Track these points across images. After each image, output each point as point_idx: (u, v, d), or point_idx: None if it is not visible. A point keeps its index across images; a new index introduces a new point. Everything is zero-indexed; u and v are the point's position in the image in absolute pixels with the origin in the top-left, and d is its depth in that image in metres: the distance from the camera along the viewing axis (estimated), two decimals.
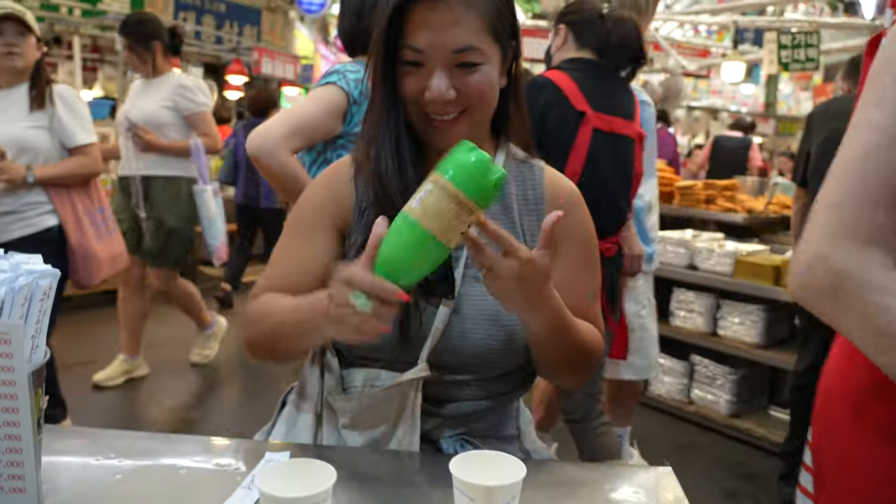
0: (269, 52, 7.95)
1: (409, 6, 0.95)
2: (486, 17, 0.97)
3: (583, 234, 1.12)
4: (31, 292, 0.74)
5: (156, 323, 4.92)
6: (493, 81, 1.00)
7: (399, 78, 0.99)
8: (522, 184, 1.11)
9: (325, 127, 1.72)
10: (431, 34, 0.94)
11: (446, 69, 0.96)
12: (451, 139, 1.00)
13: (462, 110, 0.99)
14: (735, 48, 4.94)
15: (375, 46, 0.99)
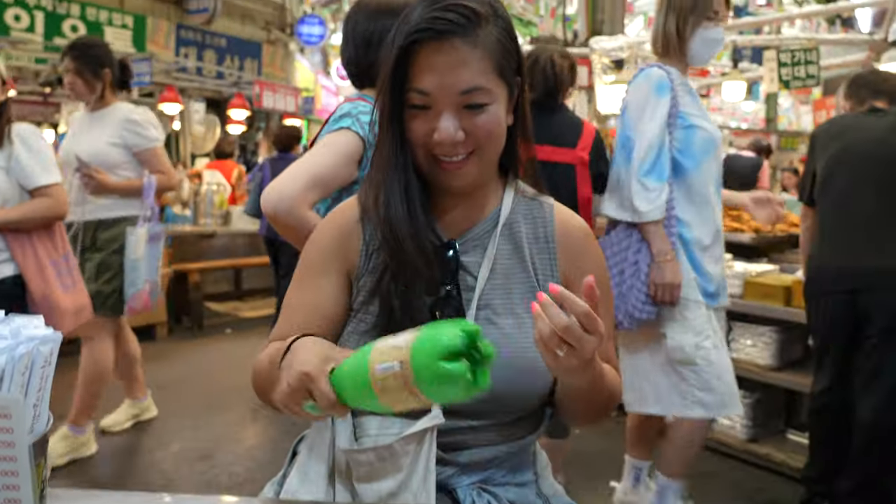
0: (270, 86, 8.03)
1: (413, 49, 0.94)
2: (492, 56, 0.96)
3: (594, 271, 1.10)
4: (31, 360, 0.72)
5: (164, 363, 4.90)
6: (500, 120, 0.99)
7: (406, 121, 0.98)
8: (532, 222, 1.10)
9: (342, 176, 1.63)
10: (438, 76, 0.94)
11: (454, 110, 0.95)
12: (460, 180, 1.00)
13: (471, 151, 0.98)
14: (735, 67, 4.96)
15: (381, 90, 0.98)
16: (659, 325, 2.31)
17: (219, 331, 5.95)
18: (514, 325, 1.02)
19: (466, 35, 0.94)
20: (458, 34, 0.94)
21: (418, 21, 0.93)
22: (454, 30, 0.93)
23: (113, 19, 10.05)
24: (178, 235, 5.98)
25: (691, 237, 2.28)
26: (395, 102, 0.97)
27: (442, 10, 0.94)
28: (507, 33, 0.99)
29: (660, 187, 2.22)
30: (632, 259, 2.30)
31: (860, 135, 2.52)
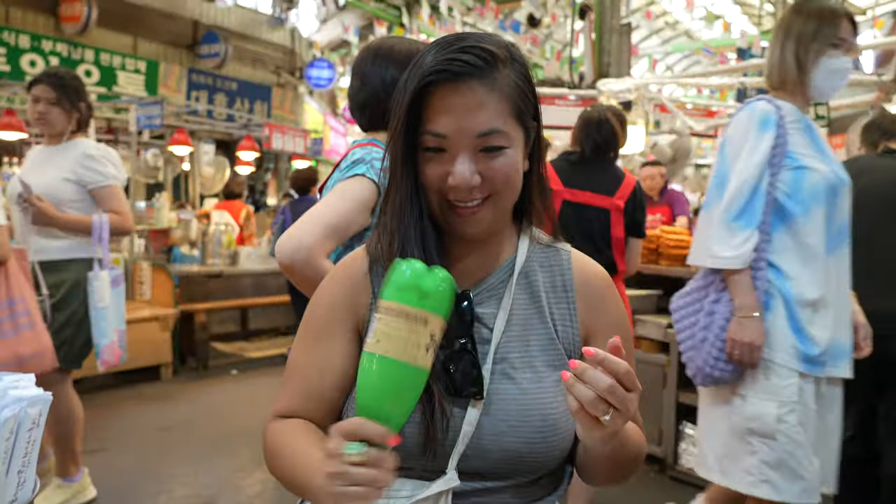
0: (279, 128, 8.10)
1: (428, 91, 0.91)
2: (509, 98, 0.93)
3: (616, 322, 1.06)
4: (18, 423, 0.67)
5: (168, 405, 4.83)
6: (518, 165, 0.95)
7: (420, 164, 0.94)
8: (549, 270, 1.05)
9: (357, 223, 1.59)
10: (454, 119, 0.90)
11: (470, 154, 0.91)
12: (474, 226, 0.95)
13: (486, 196, 0.94)
14: None
15: (394, 133, 0.94)
16: (738, 385, 2.04)
17: (224, 371, 5.88)
18: (532, 379, 0.97)
19: (484, 77, 0.91)
20: (475, 76, 0.90)
21: (433, 63, 0.90)
22: (471, 71, 0.90)
23: (126, 64, 10.24)
24: (185, 275, 5.95)
25: (793, 292, 1.99)
26: (409, 146, 0.93)
27: (458, 51, 0.90)
28: (524, 77, 0.96)
29: (747, 233, 1.96)
30: (708, 308, 2.07)
31: (877, 176, 2.48)
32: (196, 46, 11.44)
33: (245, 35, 12.19)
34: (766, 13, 16.36)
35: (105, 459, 3.74)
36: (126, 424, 4.40)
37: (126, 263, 5.97)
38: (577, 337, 1.02)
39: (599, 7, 6.85)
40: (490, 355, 0.97)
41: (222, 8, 11.67)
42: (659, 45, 18.51)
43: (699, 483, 3.42)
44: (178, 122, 8.18)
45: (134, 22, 10.51)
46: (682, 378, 3.51)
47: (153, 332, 5.39)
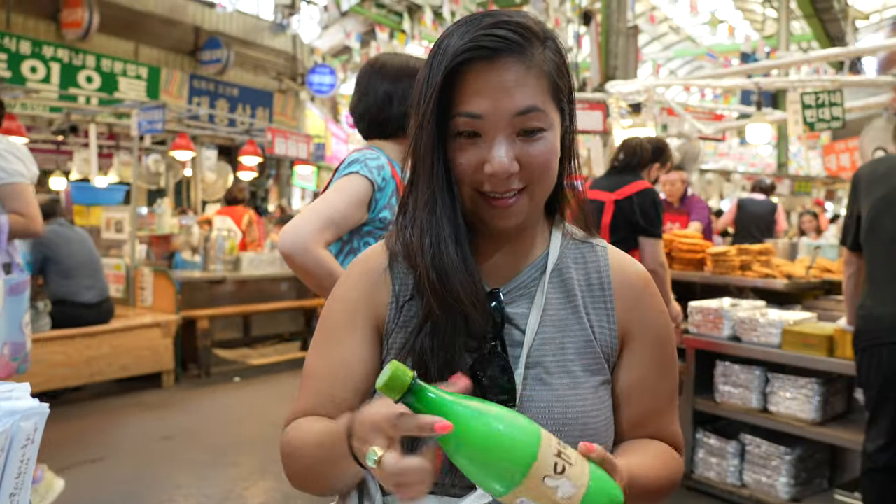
0: (281, 133, 8.01)
1: (460, 71, 0.82)
2: (548, 76, 0.85)
3: (657, 325, 0.96)
4: (10, 439, 0.58)
5: (170, 413, 4.74)
6: (556, 151, 0.87)
7: (452, 153, 0.85)
8: (584, 267, 0.95)
9: (353, 217, 1.70)
10: (490, 98, 0.81)
11: (507, 137, 0.83)
12: (509, 219, 0.86)
13: (523, 187, 0.85)
14: (759, 109, 4.88)
15: (422, 121, 0.85)
16: None
17: (227, 379, 5.78)
18: (569, 385, 0.88)
19: (522, 53, 0.83)
20: (513, 52, 0.82)
21: (465, 41, 0.82)
22: (508, 47, 0.82)
23: (127, 70, 10.19)
24: (187, 281, 5.87)
25: None
26: (440, 134, 0.85)
27: (491, 27, 0.82)
28: (560, 55, 0.88)
29: None
30: None
31: None
32: (198, 52, 11.39)
33: (247, 41, 12.15)
34: (768, 18, 16.33)
35: (104, 469, 3.65)
36: (126, 433, 4.31)
37: (127, 269, 5.89)
38: (615, 339, 0.93)
39: (606, 10, 6.79)
40: (522, 359, 0.88)
41: (224, 14, 11.63)
42: (661, 51, 18.47)
43: (716, 493, 3.33)
44: (180, 128, 8.10)
45: (135, 28, 10.47)
46: (698, 385, 3.42)
47: (154, 338, 5.31)
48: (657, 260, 3.23)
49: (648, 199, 3.25)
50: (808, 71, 11.26)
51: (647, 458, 0.89)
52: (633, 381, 0.93)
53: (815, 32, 14.34)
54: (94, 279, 4.93)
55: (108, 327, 5.01)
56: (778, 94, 10.81)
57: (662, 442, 0.95)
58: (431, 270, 0.85)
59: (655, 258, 3.21)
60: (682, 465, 0.97)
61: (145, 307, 5.72)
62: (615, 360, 0.94)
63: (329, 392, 0.91)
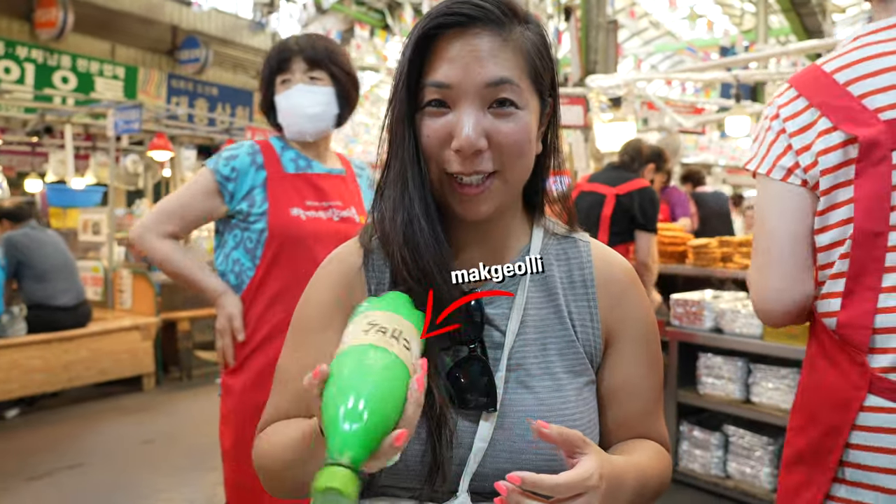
0: (261, 132, 7.94)
1: (434, 39, 0.79)
2: (525, 55, 0.81)
3: (642, 321, 0.93)
4: None
5: (150, 416, 4.67)
6: (530, 134, 0.82)
7: (419, 126, 0.81)
8: (567, 264, 0.92)
9: (196, 208, 1.79)
10: (460, 67, 0.78)
11: (476, 108, 0.79)
12: (477, 207, 0.82)
13: (492, 172, 0.80)
14: (738, 102, 4.89)
15: (395, 92, 0.82)
16: None
17: (209, 381, 5.71)
18: (551, 388, 0.85)
19: (499, 26, 0.79)
20: (489, 23, 0.79)
21: (441, 8, 0.79)
22: (485, 16, 0.78)
23: (104, 70, 10.06)
24: (166, 283, 5.79)
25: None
26: (410, 106, 0.81)
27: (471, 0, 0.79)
28: (544, 42, 0.84)
29: None
30: None
31: None
32: (175, 52, 11.28)
33: (225, 40, 12.04)
34: (746, 13, 16.45)
35: (83, 475, 3.59)
36: (105, 438, 4.24)
37: (105, 272, 5.80)
38: (599, 338, 0.90)
39: (585, 5, 6.79)
40: (503, 361, 0.84)
41: (202, 13, 11.51)
42: (641, 46, 18.54)
43: (701, 485, 3.33)
44: (158, 128, 8.01)
45: (111, 27, 10.34)
46: (681, 377, 3.42)
47: (134, 341, 5.23)
48: (651, 254, 3.41)
49: (648, 197, 3.47)
50: (786, 64, 11.36)
51: (643, 457, 0.87)
52: (618, 382, 0.90)
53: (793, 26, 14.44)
54: (69, 282, 4.85)
55: (86, 331, 4.93)
56: (757, 87, 10.88)
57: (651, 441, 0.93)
58: (404, 247, 0.82)
59: (649, 252, 3.42)
60: (671, 463, 0.95)
61: (124, 310, 5.64)
62: (599, 359, 0.91)
63: (301, 396, 0.88)
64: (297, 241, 1.76)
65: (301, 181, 1.82)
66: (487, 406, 0.82)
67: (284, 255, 1.76)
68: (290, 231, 1.75)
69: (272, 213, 1.76)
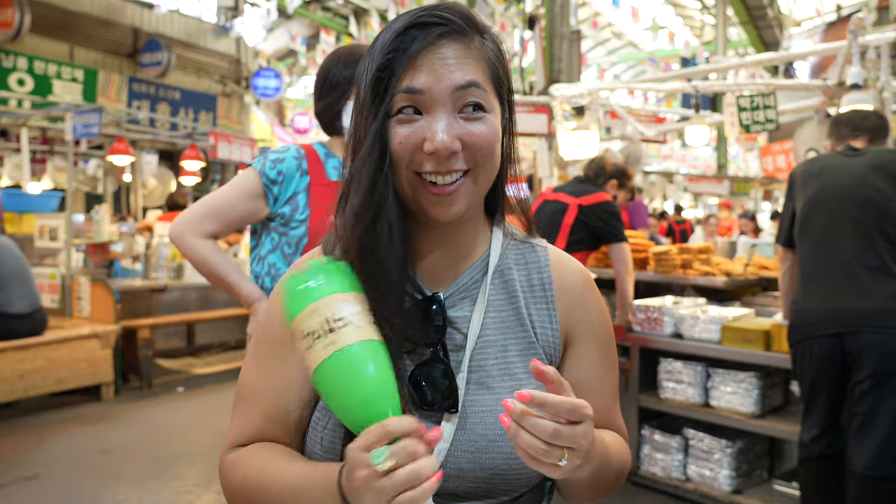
0: (225, 137, 7.84)
1: (402, 50, 0.81)
2: (487, 61, 0.85)
3: (598, 324, 0.97)
4: None
5: (109, 426, 4.57)
6: (498, 136, 0.85)
7: (390, 133, 0.82)
8: (526, 268, 0.95)
9: (239, 209, 1.76)
10: (431, 73, 0.81)
11: (449, 114, 0.81)
12: (450, 208, 0.83)
13: (465, 171, 0.83)
14: (697, 112, 5.00)
15: (362, 102, 0.84)
16: None
17: (170, 389, 5.62)
18: (511, 388, 0.87)
19: (463, 35, 0.83)
20: (454, 33, 0.83)
21: (407, 20, 0.82)
22: (451, 27, 0.82)
23: (62, 73, 9.82)
24: (127, 290, 5.69)
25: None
26: (379, 113, 0.82)
27: (434, 11, 0.83)
28: (501, 52, 0.88)
29: None
30: None
31: (838, 173, 2.48)
32: (137, 55, 11.07)
33: (188, 43, 11.87)
34: (706, 25, 16.81)
35: (39, 486, 3.50)
36: (63, 448, 4.14)
37: (63, 279, 5.67)
38: (558, 340, 0.93)
39: (549, 15, 6.88)
40: (465, 363, 0.86)
41: (164, 16, 11.34)
42: (605, 56, 18.83)
43: (661, 488, 3.38)
44: (119, 132, 7.87)
45: (70, 29, 10.12)
46: (642, 382, 3.48)
47: (92, 349, 5.12)
48: (627, 263, 3.51)
49: (610, 210, 3.61)
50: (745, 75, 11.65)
51: (607, 437, 0.90)
52: (577, 381, 0.92)
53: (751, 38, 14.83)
54: (25, 288, 4.73)
55: (43, 339, 4.81)
56: (717, 98, 11.13)
57: None
58: (366, 255, 0.83)
59: (625, 261, 3.52)
60: (629, 454, 0.98)
61: (83, 317, 5.52)
62: (559, 360, 0.94)
63: (272, 407, 0.88)
64: None
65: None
66: (449, 407, 0.84)
67: None
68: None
69: (313, 220, 1.73)
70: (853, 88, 3.55)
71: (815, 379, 2.45)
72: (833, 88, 4.16)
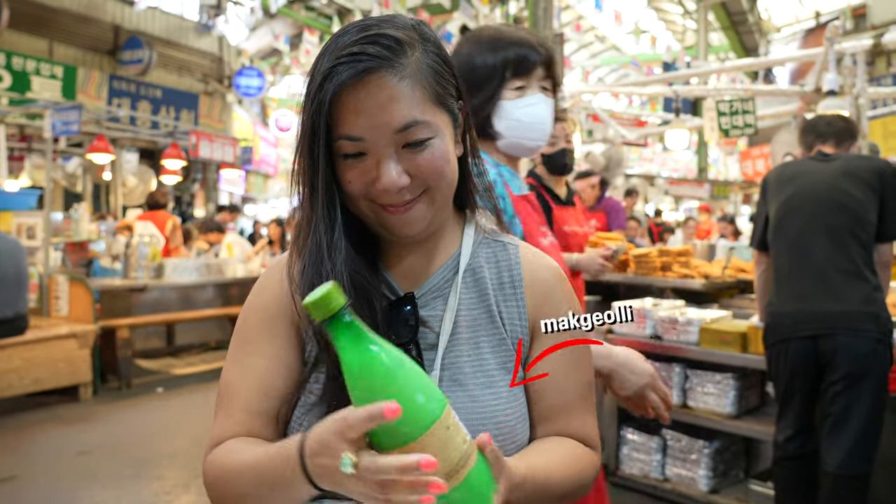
0: (206, 136, 7.81)
1: (335, 92, 0.81)
2: (425, 84, 0.84)
3: None
4: None
5: (88, 426, 4.53)
6: (447, 154, 0.86)
7: (340, 173, 0.85)
8: (496, 265, 0.96)
9: None
10: (368, 118, 0.81)
11: (392, 154, 0.82)
12: (411, 226, 0.86)
13: (421, 192, 0.85)
14: (677, 116, 5.06)
15: (302, 143, 0.85)
16: None
17: (149, 390, 5.58)
18: (483, 385, 0.89)
19: (392, 67, 0.82)
20: (382, 67, 0.81)
21: (335, 60, 0.81)
22: (377, 64, 0.81)
23: (41, 69, 9.70)
24: (106, 289, 5.63)
25: None
26: (321, 156, 0.83)
27: (359, 43, 0.81)
28: (438, 57, 0.88)
29: None
30: None
31: (811, 178, 2.53)
32: (117, 52, 10.96)
33: (170, 41, 11.78)
34: (688, 29, 16.98)
35: (15, 488, 3.46)
36: (40, 449, 4.10)
37: (41, 278, 5.61)
38: (527, 336, 0.94)
39: (532, 18, 6.92)
40: (437, 361, 0.88)
41: (146, 13, 11.25)
42: (588, 59, 18.95)
43: (640, 488, 3.42)
44: (99, 130, 7.79)
45: (49, 25, 10.00)
46: None
47: (70, 349, 5.07)
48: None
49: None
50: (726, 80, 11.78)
51: (551, 458, 0.88)
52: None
53: (732, 44, 14.99)
54: (8, 294, 4.66)
55: (20, 339, 4.75)
56: (697, 102, 11.27)
57: (571, 439, 0.94)
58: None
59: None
60: (597, 462, 0.96)
61: (61, 317, 5.46)
62: (526, 355, 0.94)
63: (255, 402, 0.88)
64: None
65: (528, 205, 1.55)
66: None
67: None
68: None
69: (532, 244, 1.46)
70: (829, 95, 3.62)
71: (790, 380, 2.50)
72: (810, 94, 4.24)
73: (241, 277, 6.82)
